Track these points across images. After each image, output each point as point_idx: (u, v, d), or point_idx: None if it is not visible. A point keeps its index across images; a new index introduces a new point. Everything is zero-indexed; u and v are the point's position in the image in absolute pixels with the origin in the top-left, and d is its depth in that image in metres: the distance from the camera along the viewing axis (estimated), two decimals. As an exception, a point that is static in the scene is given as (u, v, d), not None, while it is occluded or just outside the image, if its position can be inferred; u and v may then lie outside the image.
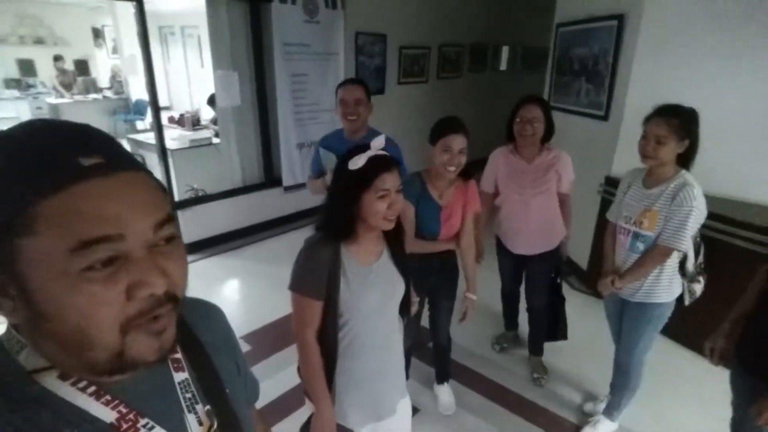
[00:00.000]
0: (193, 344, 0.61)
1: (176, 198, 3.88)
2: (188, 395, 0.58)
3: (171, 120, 5.49)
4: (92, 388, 0.49)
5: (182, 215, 3.84)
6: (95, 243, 0.43)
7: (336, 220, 1.27)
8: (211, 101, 5.61)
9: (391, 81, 5.46)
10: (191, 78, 10.72)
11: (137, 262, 0.45)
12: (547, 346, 2.67)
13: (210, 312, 0.70)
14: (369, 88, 2.33)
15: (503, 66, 7.61)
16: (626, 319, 2.03)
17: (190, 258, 0.56)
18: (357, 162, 1.20)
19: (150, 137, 4.86)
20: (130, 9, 8.72)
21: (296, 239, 4.28)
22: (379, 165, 1.22)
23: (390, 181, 1.23)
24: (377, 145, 1.24)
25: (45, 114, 7.78)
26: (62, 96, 7.81)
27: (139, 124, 8.48)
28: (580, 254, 3.61)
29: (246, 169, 4.38)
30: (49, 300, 0.43)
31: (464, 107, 6.33)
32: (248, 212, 4.33)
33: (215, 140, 4.69)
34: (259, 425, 0.82)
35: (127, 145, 5.25)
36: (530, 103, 2.24)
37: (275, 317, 3.07)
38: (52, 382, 0.48)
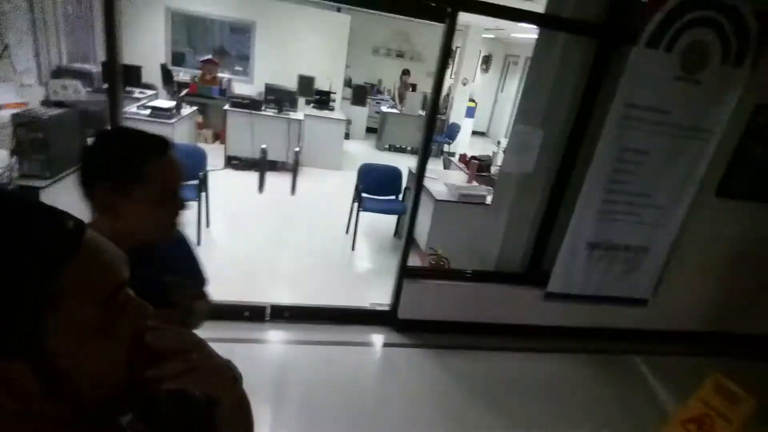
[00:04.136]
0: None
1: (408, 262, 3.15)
2: None
3: (462, 159, 4.92)
4: None
5: (406, 286, 3.12)
6: (118, 289, 0.48)
7: None
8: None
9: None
10: (515, 109, 10.29)
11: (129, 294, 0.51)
12: None
13: None
14: None
15: None
16: None
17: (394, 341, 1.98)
18: None
19: (436, 174, 4.41)
20: (481, 32, 8.78)
21: (541, 366, 2.85)
22: None
23: None
24: None
25: (375, 119, 8.67)
26: (395, 107, 8.49)
27: (446, 147, 8.52)
28: None
29: (506, 251, 3.31)
30: (81, 359, 0.45)
31: None
32: (486, 306, 3.27)
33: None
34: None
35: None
36: None
37: None
38: None
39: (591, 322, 3.40)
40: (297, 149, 5.41)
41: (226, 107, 5.86)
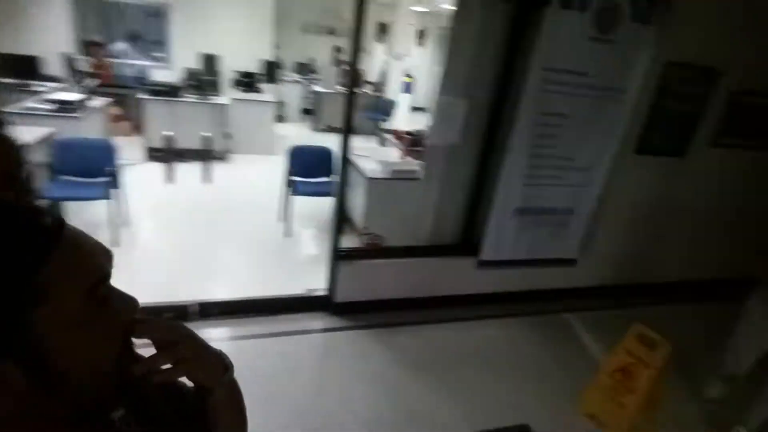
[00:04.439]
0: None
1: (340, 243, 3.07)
2: None
3: (396, 135, 4.84)
4: None
5: (341, 269, 3.03)
6: (100, 282, 0.47)
7: None
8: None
9: (702, 139, 3.49)
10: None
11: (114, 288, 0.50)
12: None
13: None
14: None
15: None
16: None
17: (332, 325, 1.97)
18: None
19: (368, 151, 4.30)
20: (411, 5, 8.63)
21: (479, 333, 2.86)
22: None
23: None
24: None
25: (311, 99, 8.39)
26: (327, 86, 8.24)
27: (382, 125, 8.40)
28: None
29: (439, 224, 3.29)
30: (71, 351, 0.45)
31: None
32: (422, 281, 3.26)
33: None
34: None
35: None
36: None
37: None
38: None
39: (524, 285, 3.48)
40: (207, 134, 5.13)
41: (141, 96, 5.44)
